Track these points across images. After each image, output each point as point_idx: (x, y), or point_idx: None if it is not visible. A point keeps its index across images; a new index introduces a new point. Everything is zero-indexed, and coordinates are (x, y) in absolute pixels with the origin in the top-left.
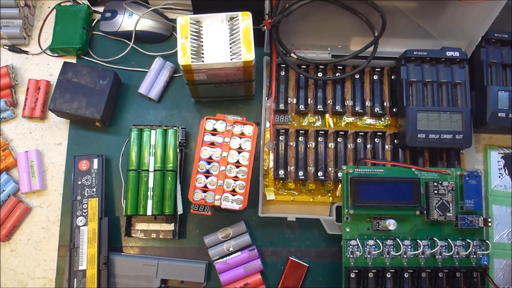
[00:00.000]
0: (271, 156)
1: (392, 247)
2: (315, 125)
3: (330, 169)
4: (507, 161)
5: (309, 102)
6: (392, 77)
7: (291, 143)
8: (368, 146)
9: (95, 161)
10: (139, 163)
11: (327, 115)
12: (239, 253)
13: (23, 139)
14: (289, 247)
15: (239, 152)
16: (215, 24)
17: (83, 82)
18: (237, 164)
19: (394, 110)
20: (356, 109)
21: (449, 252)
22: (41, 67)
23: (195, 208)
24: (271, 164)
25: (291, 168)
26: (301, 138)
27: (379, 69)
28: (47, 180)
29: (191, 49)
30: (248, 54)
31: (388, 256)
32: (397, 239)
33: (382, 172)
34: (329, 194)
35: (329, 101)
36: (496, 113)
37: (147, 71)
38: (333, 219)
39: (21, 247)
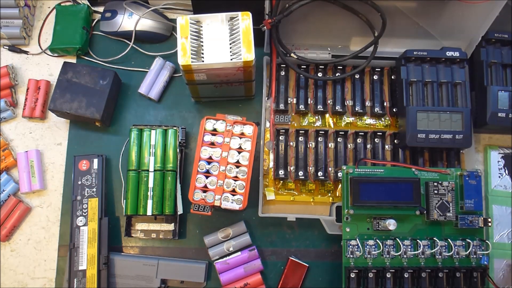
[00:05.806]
0: (271, 156)
1: (392, 247)
2: (315, 125)
3: (330, 169)
4: (507, 161)
5: (309, 102)
6: (392, 77)
7: (291, 143)
8: (368, 146)
9: (95, 161)
10: (139, 163)
11: (327, 115)
12: (239, 253)
13: (23, 139)
14: (289, 247)
15: (239, 152)
16: (215, 24)
17: (83, 82)
18: (237, 164)
19: (394, 110)
20: (356, 109)
21: (449, 252)
22: (41, 67)
23: (195, 208)
24: (271, 164)
25: (291, 168)
26: (301, 138)
27: (379, 69)
28: (47, 180)
29: (191, 49)
30: (248, 54)
31: (388, 256)
32: (397, 239)
33: (382, 172)
34: (329, 194)
35: (329, 101)
36: (496, 113)
37: (147, 71)
38: (333, 219)
39: (21, 247)
